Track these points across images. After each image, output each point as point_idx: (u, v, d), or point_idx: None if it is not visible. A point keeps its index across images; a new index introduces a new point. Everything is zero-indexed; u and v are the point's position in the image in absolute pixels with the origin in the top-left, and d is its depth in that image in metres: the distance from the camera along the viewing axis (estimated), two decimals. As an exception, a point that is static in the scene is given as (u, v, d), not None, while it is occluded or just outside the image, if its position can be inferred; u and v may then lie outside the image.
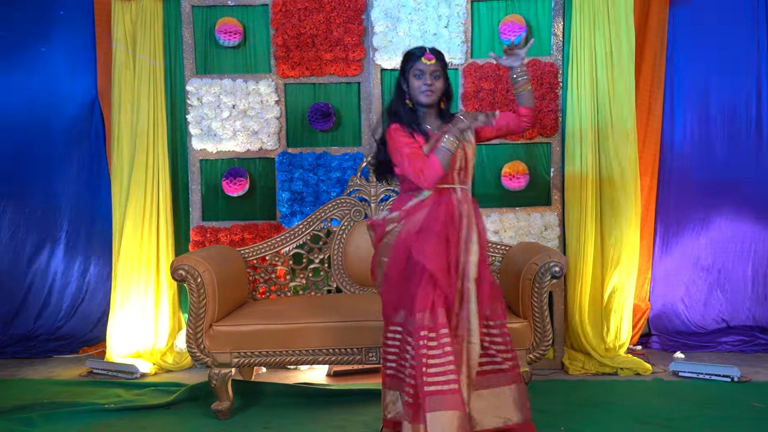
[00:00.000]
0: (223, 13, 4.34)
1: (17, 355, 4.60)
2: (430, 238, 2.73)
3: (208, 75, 4.35)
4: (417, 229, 2.76)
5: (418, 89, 2.80)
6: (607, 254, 4.27)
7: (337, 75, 4.31)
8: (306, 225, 4.06)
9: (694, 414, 3.36)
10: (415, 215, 2.79)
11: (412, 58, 2.81)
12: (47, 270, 4.81)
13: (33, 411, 3.47)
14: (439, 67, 2.80)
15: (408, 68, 2.82)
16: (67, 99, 4.71)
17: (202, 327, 3.36)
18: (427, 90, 2.79)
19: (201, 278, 3.34)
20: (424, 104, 2.83)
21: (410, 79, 2.82)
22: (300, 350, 3.39)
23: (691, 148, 4.57)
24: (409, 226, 2.78)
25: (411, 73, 2.81)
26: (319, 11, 4.25)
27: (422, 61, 2.78)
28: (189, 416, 3.46)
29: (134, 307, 4.34)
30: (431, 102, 2.83)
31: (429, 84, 2.78)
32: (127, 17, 4.34)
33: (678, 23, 4.49)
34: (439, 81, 2.82)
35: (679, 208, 4.60)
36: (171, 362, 4.32)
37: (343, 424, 3.31)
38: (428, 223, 2.76)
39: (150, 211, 4.34)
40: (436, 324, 2.65)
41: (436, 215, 2.76)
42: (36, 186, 4.76)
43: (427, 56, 2.78)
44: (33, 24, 4.69)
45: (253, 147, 4.33)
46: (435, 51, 2.82)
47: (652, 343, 4.58)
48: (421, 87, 2.79)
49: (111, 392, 3.85)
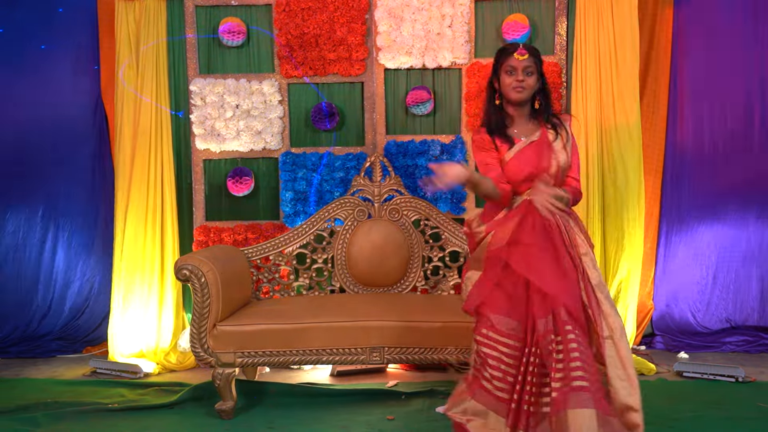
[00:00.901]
0: (227, 13, 4.34)
1: (21, 354, 4.60)
2: (527, 250, 2.59)
3: (212, 75, 4.35)
4: (506, 241, 2.62)
5: (509, 86, 2.72)
6: (611, 254, 4.26)
7: (340, 75, 4.30)
8: (310, 225, 4.06)
9: (699, 414, 3.35)
10: (505, 225, 2.68)
11: (505, 54, 2.74)
12: (51, 270, 4.80)
13: (37, 411, 3.48)
14: (532, 63, 2.72)
15: (500, 65, 2.75)
16: (70, 99, 4.71)
17: (205, 327, 3.36)
18: (518, 86, 2.71)
19: (205, 278, 3.34)
20: (514, 101, 2.75)
21: (501, 76, 2.75)
22: (304, 350, 3.39)
23: (695, 148, 4.56)
24: (498, 237, 2.67)
25: (503, 70, 2.74)
26: (322, 11, 4.25)
27: (515, 57, 2.71)
28: (192, 416, 3.46)
29: (138, 307, 4.34)
30: (521, 99, 2.74)
31: (520, 80, 2.71)
32: (130, 17, 4.34)
33: (682, 22, 4.48)
34: (532, 78, 2.73)
35: (683, 207, 4.59)
36: (174, 362, 4.32)
37: (347, 424, 3.31)
38: (520, 235, 2.62)
39: (154, 211, 4.34)
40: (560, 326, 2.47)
41: (531, 225, 2.62)
42: (39, 185, 4.76)
43: (519, 51, 2.71)
44: (35, 23, 4.69)
45: (256, 147, 4.33)
46: (529, 47, 2.74)
47: (655, 344, 4.57)
48: (512, 83, 2.72)
49: (114, 392, 3.85)
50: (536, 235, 2.60)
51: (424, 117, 4.33)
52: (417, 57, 4.24)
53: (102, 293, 4.77)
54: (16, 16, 4.69)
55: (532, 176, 2.71)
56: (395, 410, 3.46)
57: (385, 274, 4.02)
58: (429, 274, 4.09)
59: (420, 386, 3.80)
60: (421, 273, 4.06)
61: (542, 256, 2.57)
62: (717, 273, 4.62)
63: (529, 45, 2.76)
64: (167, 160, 4.37)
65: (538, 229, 2.61)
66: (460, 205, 4.27)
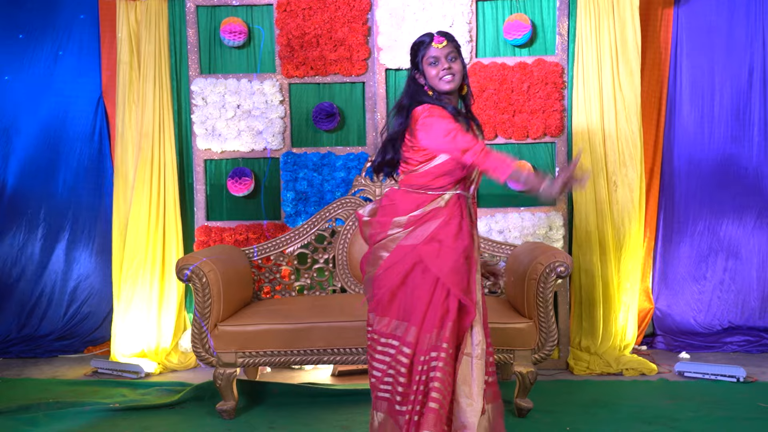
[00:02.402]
0: (228, 13, 4.34)
1: (22, 354, 4.61)
2: (450, 254, 2.48)
3: (213, 75, 4.35)
4: (426, 239, 2.50)
5: (436, 77, 2.54)
6: (612, 254, 4.26)
7: (341, 75, 4.30)
8: (311, 225, 4.06)
9: (700, 414, 3.35)
10: (428, 223, 2.52)
11: (422, 47, 2.57)
12: (51, 270, 4.80)
13: (38, 411, 3.47)
14: (453, 48, 2.55)
15: (420, 59, 2.57)
16: (71, 98, 4.71)
17: (207, 327, 3.36)
18: (447, 73, 2.53)
19: (206, 278, 3.35)
20: (448, 91, 2.55)
21: (425, 70, 2.56)
22: (305, 350, 3.39)
23: (694, 148, 4.56)
24: (417, 234, 2.52)
25: (425, 63, 2.56)
26: (323, 11, 4.25)
27: (433, 46, 2.54)
28: (194, 416, 3.46)
29: (139, 307, 4.35)
30: (455, 87, 2.55)
31: (447, 68, 2.53)
32: (132, 17, 4.34)
33: (682, 22, 4.48)
34: (457, 63, 2.55)
35: (683, 207, 4.59)
36: (176, 362, 4.32)
37: (349, 424, 3.31)
38: (445, 236, 2.50)
39: (156, 211, 4.35)
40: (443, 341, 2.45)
41: (458, 229, 2.52)
42: (40, 186, 4.76)
43: (437, 39, 2.54)
44: (36, 23, 4.69)
45: (257, 147, 4.33)
46: (444, 33, 2.58)
47: (656, 343, 4.57)
48: (439, 73, 2.53)
49: (116, 392, 3.85)
50: (461, 239, 2.51)
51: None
52: (418, 57, 4.24)
53: (103, 293, 4.77)
54: (19, 12, 4.69)
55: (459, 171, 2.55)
56: (396, 410, 3.46)
57: (386, 274, 4.01)
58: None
59: (421, 386, 3.79)
60: (422, 273, 4.05)
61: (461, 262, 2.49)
62: (717, 273, 4.62)
63: (444, 31, 2.59)
64: (169, 160, 4.37)
65: (465, 232, 2.52)
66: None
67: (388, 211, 2.59)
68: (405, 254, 2.51)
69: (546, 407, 3.42)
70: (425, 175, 2.55)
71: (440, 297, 2.46)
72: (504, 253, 3.89)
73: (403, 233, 2.53)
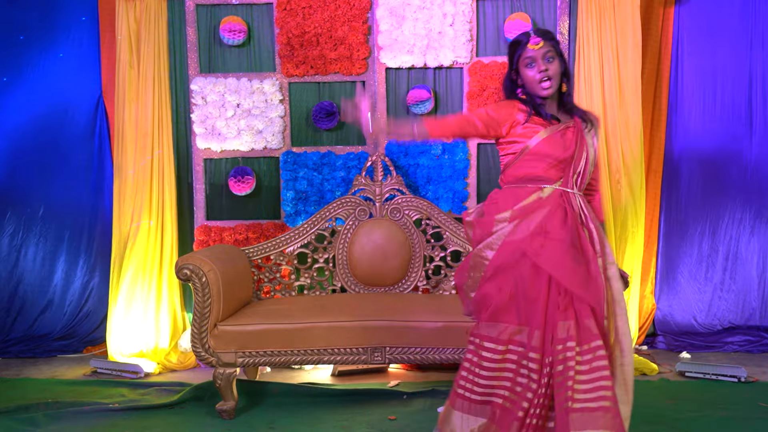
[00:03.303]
0: (228, 12, 4.33)
1: (21, 354, 4.60)
2: (556, 245, 2.40)
3: (213, 74, 4.34)
4: (532, 232, 2.42)
5: (533, 80, 2.48)
6: (614, 254, 4.24)
7: (341, 74, 4.29)
8: (311, 224, 4.05)
9: (701, 414, 3.34)
10: (533, 215, 2.46)
11: (519, 47, 2.51)
12: (51, 269, 4.79)
13: (38, 411, 3.46)
14: (550, 47, 2.48)
15: (517, 58, 2.51)
16: (71, 98, 4.70)
17: (206, 327, 3.35)
18: (543, 76, 2.46)
19: (206, 277, 3.33)
20: (545, 97, 2.51)
21: (522, 71, 2.51)
22: (305, 350, 3.38)
23: (695, 148, 4.55)
24: (522, 227, 2.45)
25: (521, 64, 2.50)
26: (323, 10, 4.24)
27: (529, 47, 2.47)
28: (194, 416, 3.45)
29: (138, 307, 4.34)
30: (550, 94, 2.50)
31: (543, 69, 2.46)
32: (131, 16, 4.33)
33: (683, 21, 4.47)
34: (554, 63, 2.48)
35: (684, 207, 4.59)
36: (175, 362, 4.31)
37: (349, 424, 3.30)
38: (551, 227, 2.42)
39: (155, 211, 4.34)
40: (584, 335, 2.33)
41: (563, 219, 2.44)
42: (39, 185, 4.75)
43: (533, 41, 2.47)
44: (36, 23, 4.68)
45: (257, 146, 4.32)
46: (541, 31, 2.51)
47: (657, 343, 4.57)
48: (535, 76, 2.47)
49: (115, 392, 3.84)
50: (567, 231, 2.42)
51: (425, 116, 4.33)
52: (418, 56, 4.23)
53: (102, 293, 4.75)
54: (17, 11, 4.68)
55: (564, 162, 2.50)
56: (397, 410, 3.45)
57: (386, 273, 4.01)
58: (430, 273, 4.08)
59: (421, 386, 3.79)
60: (423, 273, 4.05)
61: (572, 254, 2.39)
62: (718, 272, 4.61)
63: (541, 29, 2.54)
64: (168, 160, 4.36)
65: (570, 225, 2.43)
66: (462, 205, 4.25)
67: (492, 210, 2.55)
68: (512, 251, 2.43)
69: (547, 407, 3.41)
70: (516, 167, 2.53)
71: (555, 293, 2.37)
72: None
73: (509, 227, 2.46)
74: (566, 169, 2.50)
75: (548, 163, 2.50)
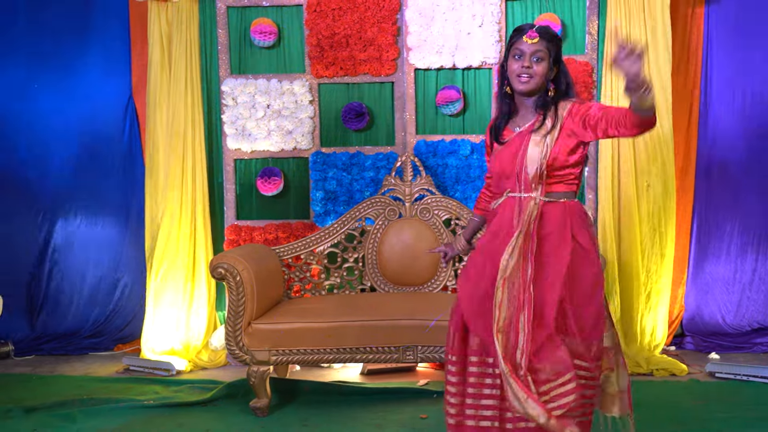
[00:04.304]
0: (258, 14, 4.37)
1: (54, 352, 4.66)
2: (469, 262, 2.51)
3: (243, 75, 4.38)
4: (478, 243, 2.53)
5: (513, 73, 2.40)
6: (643, 255, 4.25)
7: (370, 75, 4.32)
8: (341, 224, 4.08)
9: (732, 415, 3.34)
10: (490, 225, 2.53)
11: (516, 35, 2.41)
12: (83, 268, 4.85)
13: (74, 407, 3.53)
14: (543, 48, 2.36)
15: (509, 47, 2.43)
16: (101, 99, 4.75)
17: (240, 325, 3.39)
18: (524, 73, 2.38)
19: (240, 276, 3.38)
20: (519, 93, 2.44)
21: (509, 60, 2.42)
22: (338, 348, 3.41)
23: (727, 148, 4.53)
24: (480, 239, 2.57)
25: (511, 53, 2.41)
26: (353, 11, 4.27)
27: (523, 40, 2.37)
28: (227, 413, 3.49)
29: (169, 305, 4.39)
30: (527, 90, 2.40)
31: (526, 66, 2.37)
32: (163, 18, 4.38)
33: (714, 20, 4.44)
34: (542, 65, 2.37)
35: (714, 207, 4.56)
36: (206, 360, 4.36)
37: (380, 422, 3.33)
38: (480, 241, 2.53)
39: (187, 210, 4.38)
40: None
41: (495, 230, 2.46)
42: (71, 185, 4.81)
43: (530, 34, 2.36)
44: (68, 25, 4.74)
45: (287, 146, 4.36)
46: (542, 29, 2.39)
47: (686, 344, 4.55)
48: (517, 70, 2.38)
49: (148, 389, 3.89)
50: (493, 241, 2.43)
51: (454, 117, 4.34)
52: (447, 57, 4.25)
53: (132, 291, 4.82)
54: (48, 16, 4.76)
55: (504, 175, 2.46)
56: (427, 409, 3.47)
57: (415, 273, 4.03)
58: (459, 273, 4.09)
59: (451, 385, 3.81)
60: (452, 272, 4.07)
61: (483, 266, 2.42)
62: (747, 273, 4.58)
63: (545, 27, 2.42)
64: (199, 160, 4.41)
65: (501, 236, 2.40)
66: (490, 205, 4.26)
67: None
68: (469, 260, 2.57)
69: (577, 407, 3.42)
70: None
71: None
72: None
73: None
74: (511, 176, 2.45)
75: (498, 177, 2.51)
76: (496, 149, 2.52)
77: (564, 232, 2.37)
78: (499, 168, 2.49)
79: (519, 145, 2.43)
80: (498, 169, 2.49)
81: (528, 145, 2.40)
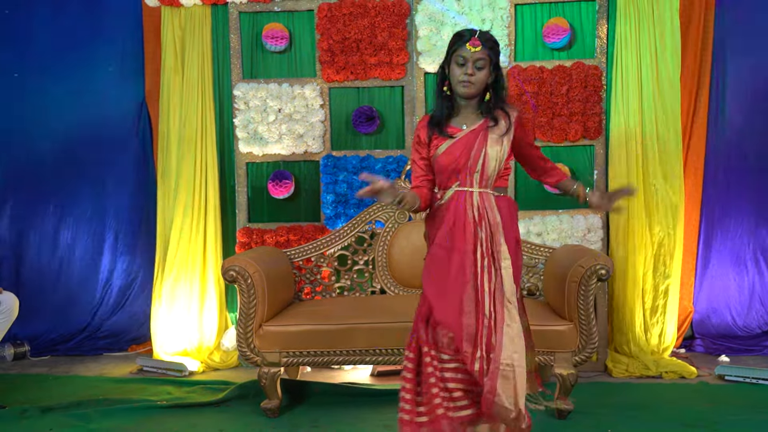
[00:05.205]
0: (270, 19, 4.42)
1: (69, 352, 4.73)
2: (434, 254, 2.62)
3: (255, 79, 4.44)
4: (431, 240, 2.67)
5: (456, 78, 2.53)
6: (652, 257, 4.26)
7: (381, 79, 4.36)
8: (351, 227, 4.12)
9: (741, 418, 3.34)
10: (433, 220, 2.68)
11: (458, 42, 2.53)
12: (96, 270, 4.92)
13: (89, 407, 3.57)
14: (485, 56, 2.50)
15: (452, 52, 2.55)
16: (114, 102, 4.82)
17: (252, 327, 3.43)
18: (466, 81, 2.52)
19: (251, 279, 3.42)
20: (461, 96, 2.58)
21: (451, 66, 2.55)
22: (348, 350, 3.45)
23: (736, 150, 4.52)
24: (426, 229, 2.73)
25: (453, 59, 2.54)
26: (363, 16, 4.31)
27: (467, 48, 2.49)
28: (239, 414, 3.53)
29: (181, 307, 4.45)
30: (468, 95, 2.55)
31: (469, 74, 2.51)
32: (176, 23, 4.45)
33: (724, 22, 4.44)
34: (483, 72, 2.52)
35: (723, 210, 4.56)
36: (218, 361, 4.41)
37: (391, 423, 3.34)
38: (435, 233, 2.63)
39: (198, 213, 4.44)
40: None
41: (451, 224, 2.59)
42: (85, 187, 4.89)
43: (473, 42, 2.49)
44: (82, 30, 4.81)
45: (298, 150, 4.41)
46: (485, 36, 2.52)
47: (695, 346, 4.55)
48: (459, 76, 2.52)
49: (162, 389, 3.94)
50: (452, 235, 2.57)
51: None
52: (457, 61, 4.28)
53: (146, 292, 4.86)
54: (63, 21, 4.82)
55: (456, 170, 2.59)
56: (437, 410, 3.49)
57: (425, 275, 4.05)
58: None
59: (460, 387, 3.83)
60: (461, 275, 4.08)
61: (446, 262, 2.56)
62: (757, 275, 4.58)
63: (487, 34, 2.55)
64: (211, 163, 4.46)
65: (459, 229, 2.56)
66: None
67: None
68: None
69: (586, 409, 3.43)
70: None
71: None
72: (543, 255, 3.91)
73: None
74: (463, 171, 2.58)
75: (448, 171, 2.61)
76: (441, 146, 2.60)
77: (513, 224, 2.63)
78: (449, 162, 2.59)
79: (473, 141, 2.57)
80: (447, 163, 2.59)
81: (488, 143, 2.56)
